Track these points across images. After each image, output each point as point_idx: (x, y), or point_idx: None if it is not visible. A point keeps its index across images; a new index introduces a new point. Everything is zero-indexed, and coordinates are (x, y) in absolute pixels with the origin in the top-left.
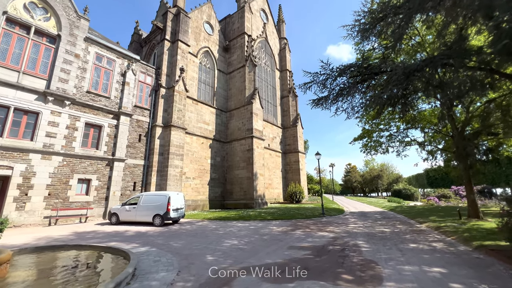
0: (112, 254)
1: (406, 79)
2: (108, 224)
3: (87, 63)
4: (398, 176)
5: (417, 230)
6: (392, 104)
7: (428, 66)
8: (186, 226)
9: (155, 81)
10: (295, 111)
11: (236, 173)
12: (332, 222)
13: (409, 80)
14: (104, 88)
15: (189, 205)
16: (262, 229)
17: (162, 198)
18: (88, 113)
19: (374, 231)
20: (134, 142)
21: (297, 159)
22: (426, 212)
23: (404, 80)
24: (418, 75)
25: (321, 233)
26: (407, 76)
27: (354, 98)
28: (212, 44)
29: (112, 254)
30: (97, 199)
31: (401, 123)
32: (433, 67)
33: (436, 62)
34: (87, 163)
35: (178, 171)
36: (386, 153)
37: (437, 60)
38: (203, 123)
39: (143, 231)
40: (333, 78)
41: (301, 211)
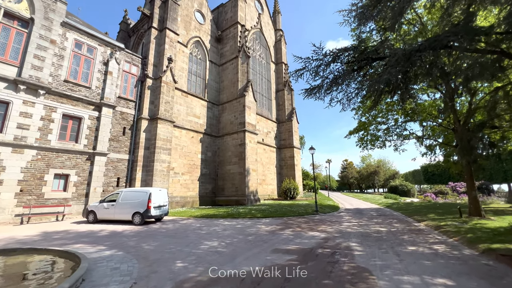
0: (66, 259)
1: (407, 61)
2: (85, 222)
3: (64, 50)
4: (394, 172)
5: (416, 230)
6: (390, 91)
7: (432, 46)
8: (168, 225)
9: (141, 71)
10: (291, 105)
11: (227, 169)
12: (325, 220)
13: (410, 62)
14: (84, 78)
15: (177, 202)
16: (249, 228)
17: (142, 194)
18: (66, 104)
19: (369, 230)
20: (117, 136)
21: (292, 155)
22: (424, 209)
23: (404, 62)
24: (421, 57)
25: (312, 233)
26: (408, 57)
27: (349, 87)
28: (203, 34)
29: (66, 260)
30: (76, 195)
31: (399, 115)
32: (437, 46)
33: (441, 40)
34: (65, 157)
35: (165, 166)
36: (383, 147)
37: (442, 39)
38: (193, 117)
39: (119, 230)
40: (326, 64)
41: (294, 208)
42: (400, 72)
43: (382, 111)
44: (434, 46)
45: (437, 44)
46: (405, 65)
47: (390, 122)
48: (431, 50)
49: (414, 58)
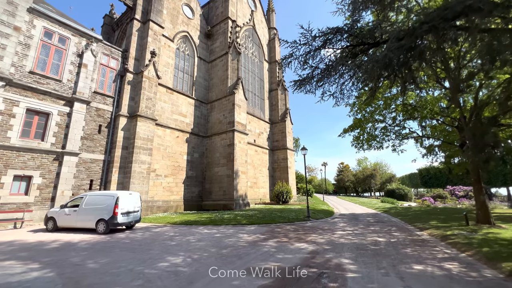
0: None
1: (411, 35)
2: (43, 230)
3: (31, 38)
4: (391, 175)
5: (419, 240)
6: (390, 75)
7: (443, 16)
8: (137, 234)
9: (121, 65)
10: (284, 105)
11: (215, 171)
12: (317, 228)
13: (415, 36)
14: (55, 70)
15: (159, 207)
16: (229, 238)
17: (108, 199)
18: (31, 98)
19: (366, 241)
20: (92, 134)
21: (286, 157)
22: (424, 215)
23: (409, 37)
24: (428, 29)
25: (299, 244)
26: (413, 32)
27: (342, 78)
28: (192, 29)
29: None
30: (40, 199)
31: (399, 112)
32: (449, 16)
33: (454, 7)
34: (27, 157)
35: (145, 167)
36: (381, 148)
37: (455, 5)
38: (179, 115)
39: (75, 241)
40: (316, 49)
41: (284, 213)
42: (403, 49)
43: (379, 108)
44: (445, 16)
45: (450, 11)
46: (409, 41)
47: (388, 120)
48: (441, 21)
49: (420, 31)
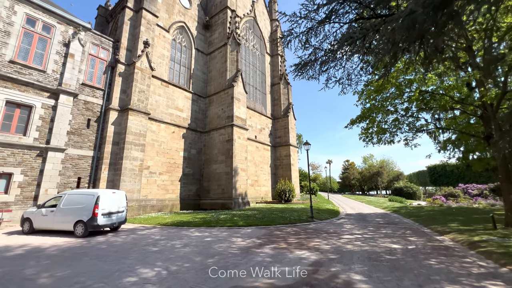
0: None
1: None
2: (18, 233)
3: (11, 25)
4: (398, 173)
5: (442, 248)
6: (414, 40)
7: None
8: (118, 238)
9: (112, 56)
10: (287, 100)
11: (213, 168)
12: (321, 231)
13: None
14: (38, 60)
15: (153, 206)
16: (220, 243)
17: (88, 198)
18: (11, 89)
19: (378, 248)
20: (80, 128)
21: (288, 153)
22: (440, 215)
23: None
24: None
25: (300, 252)
26: None
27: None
28: (189, 19)
29: None
30: (21, 198)
31: (412, 101)
32: None
33: None
34: (7, 153)
35: (137, 164)
36: (392, 143)
37: None
38: (175, 109)
39: (46, 246)
40: (319, 23)
41: (286, 213)
42: (432, 6)
43: (391, 96)
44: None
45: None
46: None
47: (400, 111)
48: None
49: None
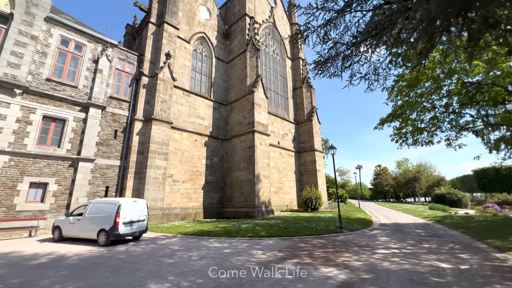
0: None
1: None
2: (50, 240)
3: (48, 47)
4: (439, 178)
5: (506, 269)
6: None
7: None
8: (138, 247)
9: (136, 69)
10: (310, 103)
11: (236, 175)
12: (351, 243)
13: None
14: (71, 77)
15: (176, 214)
16: (239, 255)
17: (110, 207)
18: (48, 105)
19: (422, 267)
20: (107, 139)
21: (314, 159)
22: (495, 227)
23: None
24: None
25: (326, 269)
26: None
27: (375, 52)
28: (209, 29)
29: None
30: (55, 207)
31: (452, 95)
32: None
33: None
34: (43, 164)
35: (160, 172)
36: (430, 144)
37: None
38: (197, 118)
39: (69, 255)
40: (338, 12)
41: (312, 223)
42: None
43: (427, 92)
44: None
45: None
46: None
47: (439, 108)
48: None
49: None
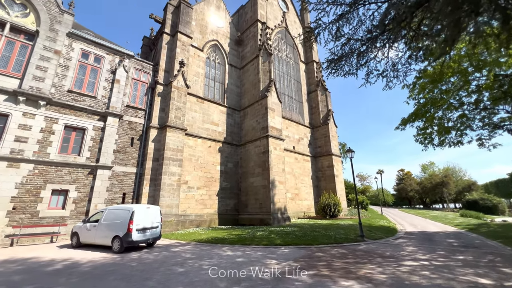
0: None
1: None
2: (68, 246)
3: (70, 60)
4: (470, 182)
5: None
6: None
7: None
8: (151, 255)
9: (152, 79)
10: (326, 107)
11: (250, 181)
12: (374, 254)
13: None
14: (90, 87)
15: (191, 221)
16: (252, 264)
17: (124, 213)
18: (69, 115)
19: (458, 283)
20: (124, 147)
21: (331, 164)
22: None
23: None
24: None
25: (346, 283)
26: None
27: (393, 48)
28: (221, 37)
29: None
30: (75, 213)
31: (483, 90)
32: None
33: None
34: (64, 172)
35: (175, 179)
36: (459, 144)
37: None
38: (211, 124)
39: (83, 261)
40: (350, 4)
41: (330, 230)
42: None
43: (454, 88)
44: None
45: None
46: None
47: (467, 105)
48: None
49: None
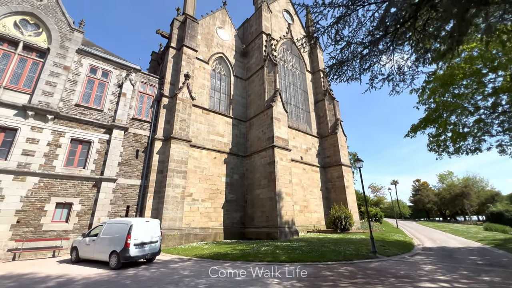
0: None
1: None
2: (68, 261)
3: (78, 75)
4: (493, 193)
5: None
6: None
7: None
8: (148, 272)
9: (158, 91)
10: (334, 116)
11: (257, 193)
12: (386, 273)
13: None
14: (97, 101)
15: (196, 235)
16: (252, 284)
17: (122, 227)
18: (76, 128)
19: None
20: (129, 159)
21: (341, 174)
22: None
23: None
24: None
25: None
26: None
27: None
28: (227, 49)
29: None
30: (78, 227)
31: (500, 92)
32: None
33: None
34: (69, 184)
35: (179, 191)
36: (478, 151)
37: None
38: (216, 135)
39: (78, 278)
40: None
41: (340, 246)
42: None
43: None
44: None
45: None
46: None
47: (485, 110)
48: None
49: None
